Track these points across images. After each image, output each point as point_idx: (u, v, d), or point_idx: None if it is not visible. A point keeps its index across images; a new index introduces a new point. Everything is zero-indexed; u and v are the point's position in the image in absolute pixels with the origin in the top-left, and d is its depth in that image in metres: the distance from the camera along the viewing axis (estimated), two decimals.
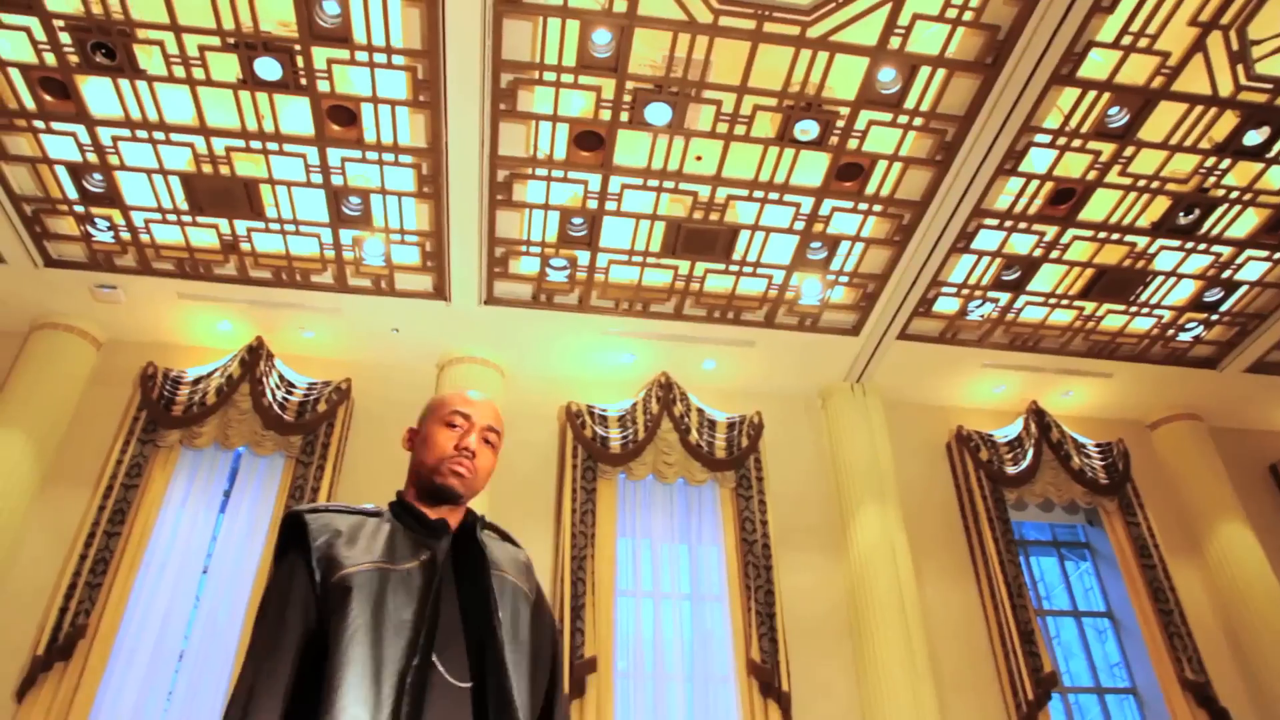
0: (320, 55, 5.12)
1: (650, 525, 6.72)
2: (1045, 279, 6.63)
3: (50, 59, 5.16)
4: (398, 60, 5.13)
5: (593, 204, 6.02)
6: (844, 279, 6.55)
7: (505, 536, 2.03)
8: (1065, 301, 6.74)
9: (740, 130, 5.48)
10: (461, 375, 7.07)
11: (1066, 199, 5.98)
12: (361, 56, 5.10)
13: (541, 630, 1.91)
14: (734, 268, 6.45)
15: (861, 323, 6.85)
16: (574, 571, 6.17)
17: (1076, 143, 5.59)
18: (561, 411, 7.18)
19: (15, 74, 5.29)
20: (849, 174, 5.78)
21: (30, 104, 5.42)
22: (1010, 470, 7.15)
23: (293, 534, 1.77)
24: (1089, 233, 6.21)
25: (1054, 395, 7.64)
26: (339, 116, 5.51)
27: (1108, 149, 5.64)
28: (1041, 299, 6.71)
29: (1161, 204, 6.13)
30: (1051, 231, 6.17)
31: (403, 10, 4.91)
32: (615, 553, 6.46)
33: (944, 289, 6.60)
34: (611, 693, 5.81)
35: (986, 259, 6.37)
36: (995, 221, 6.07)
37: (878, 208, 5.98)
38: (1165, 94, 5.31)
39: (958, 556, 6.98)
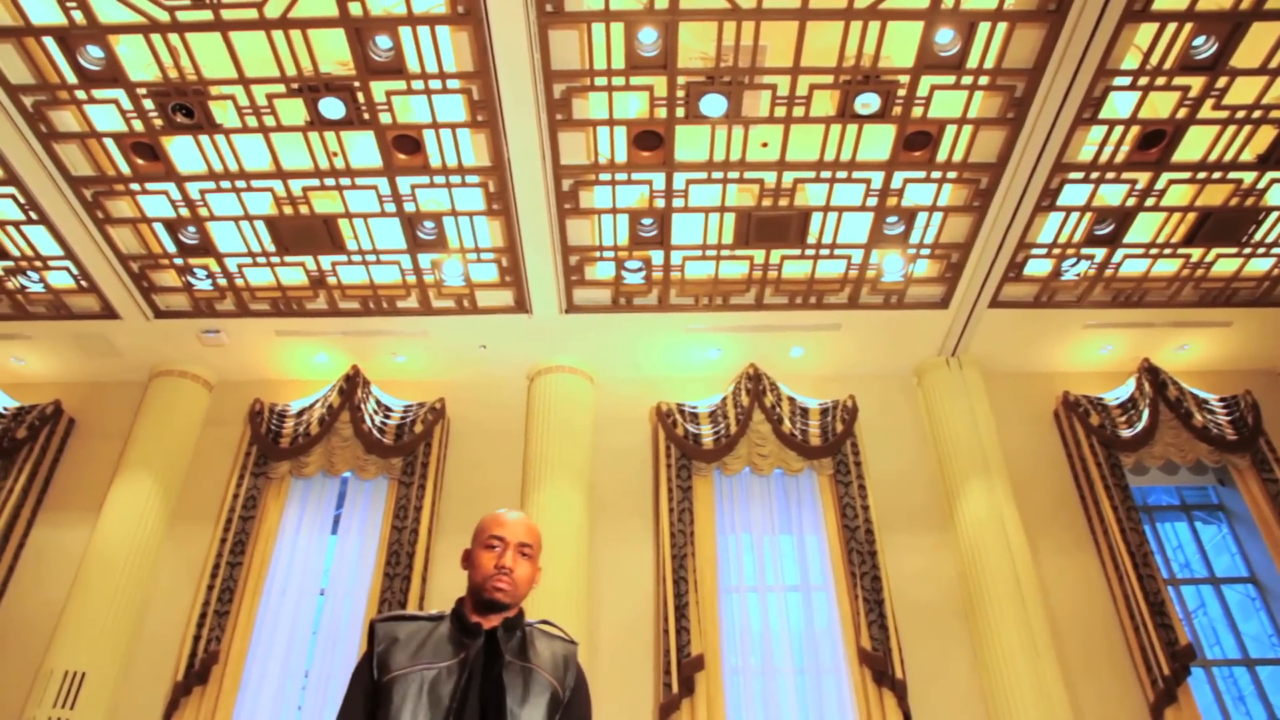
0: (379, 89, 5.27)
1: (749, 519, 6.66)
2: (1143, 229, 6.26)
3: (138, 125, 5.49)
4: (452, 84, 5.24)
5: (660, 203, 6.00)
6: (925, 251, 6.34)
7: (558, 634, 2.36)
8: (1169, 250, 6.35)
9: (799, 112, 5.37)
10: (551, 385, 7.17)
11: (1156, 142, 5.63)
12: (417, 85, 5.23)
13: (571, 712, 2.21)
14: (810, 252, 6.33)
15: (949, 295, 6.62)
16: (675, 571, 6.17)
17: (1160, 81, 5.25)
18: (652, 412, 7.20)
19: (110, 143, 5.65)
20: (917, 143, 5.60)
21: (125, 169, 5.78)
22: (1125, 434, 6.77)
23: (369, 638, 2.23)
24: (1186, 175, 5.83)
25: (1168, 350, 7.20)
26: (404, 145, 5.66)
27: (1197, 83, 5.27)
28: (1142, 250, 6.34)
29: (1266, 134, 5.69)
30: (1144, 178, 5.82)
31: (451, 36, 5.01)
32: (716, 549, 6.42)
33: (1033, 251, 6.31)
34: (721, 689, 5.78)
35: (1075, 215, 6.06)
36: (1080, 175, 5.76)
37: (952, 174, 5.77)
38: (1256, 14, 4.92)
39: (1075, 529, 6.66)
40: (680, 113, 5.38)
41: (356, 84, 5.23)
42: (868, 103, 5.33)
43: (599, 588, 6.43)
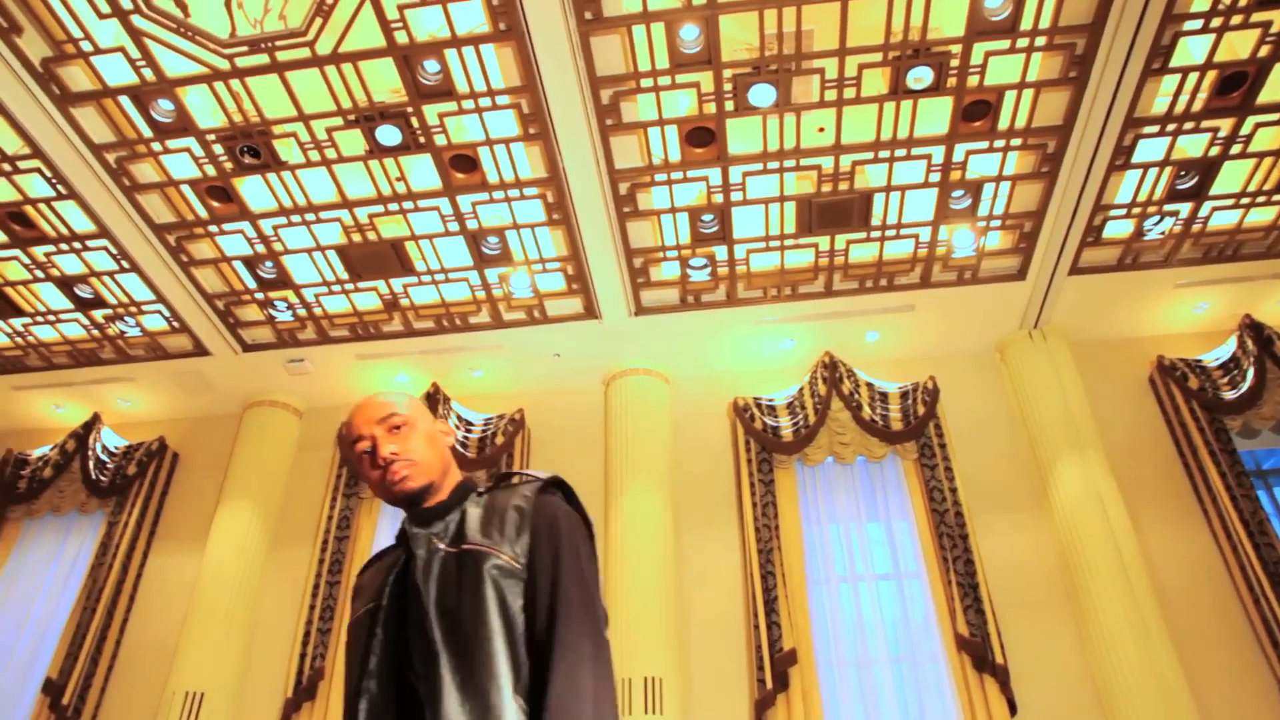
0: (431, 112, 5.38)
1: (835, 508, 6.56)
2: (1231, 179, 5.92)
3: (210, 170, 5.74)
4: (501, 100, 5.31)
5: (718, 198, 5.97)
6: (996, 223, 6.14)
7: (526, 480, 1.87)
8: (1262, 199, 5.99)
9: (850, 93, 5.26)
10: (626, 388, 7.20)
11: (1237, 85, 5.32)
12: (468, 104, 5.32)
13: (539, 553, 1.73)
14: (876, 234, 6.20)
15: (1026, 265, 6.39)
16: (762, 565, 6.13)
17: (1237, 19, 4.96)
18: (729, 408, 7.16)
19: (187, 189, 5.92)
20: (976, 113, 5.42)
21: (203, 212, 6.04)
22: (1228, 395, 6.42)
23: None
24: (1274, 116, 5.49)
25: (1272, 304, 6.79)
26: (461, 165, 5.77)
27: (1278, 16, 4.97)
28: (1232, 201, 6.00)
29: None
30: (1227, 125, 5.51)
31: (496, 53, 5.08)
32: (803, 541, 6.35)
33: (1111, 213, 6.04)
34: (816, 683, 5.71)
35: (1154, 171, 5.77)
36: (1155, 128, 5.49)
37: (1016, 142, 5.56)
38: None
39: (1180, 500, 6.34)
40: (730, 106, 5.34)
41: (409, 109, 5.35)
42: (920, 77, 5.19)
43: (688, 587, 6.44)
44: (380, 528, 6.98)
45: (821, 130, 5.71)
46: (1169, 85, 5.32)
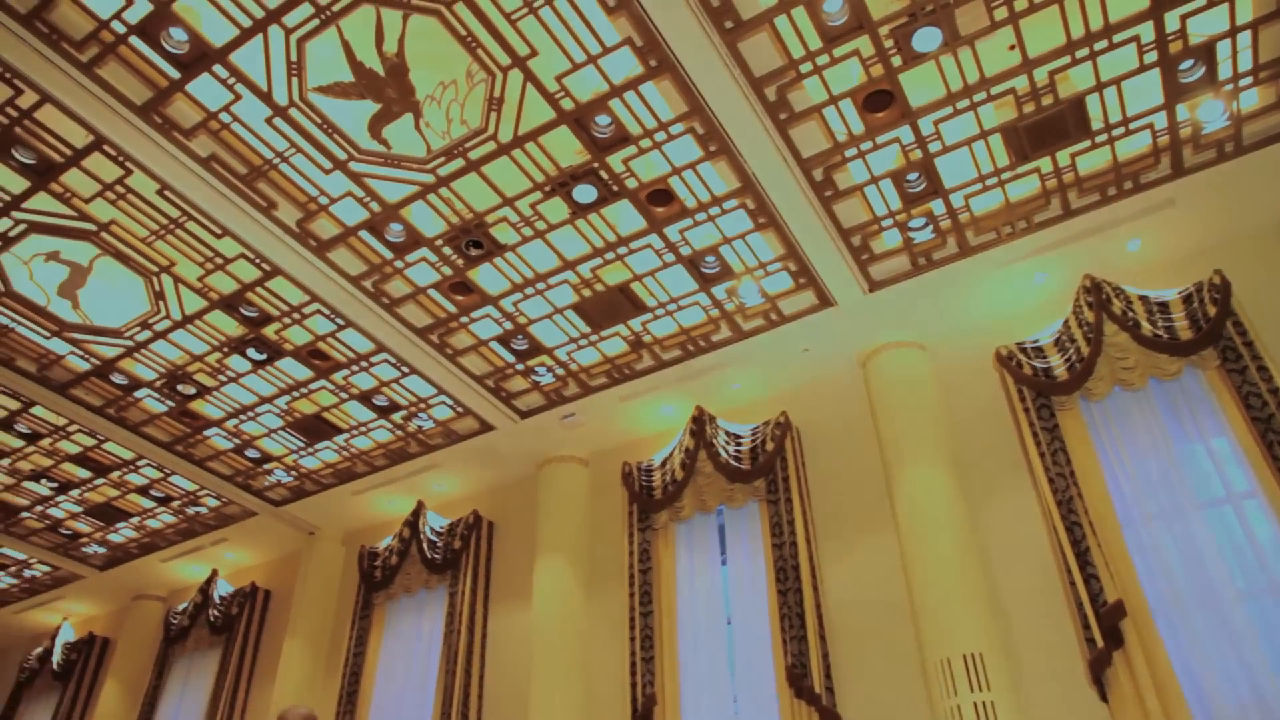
0: (615, 160, 5.67)
1: (1134, 440, 5.97)
2: None
3: (447, 270, 6.40)
4: (675, 130, 5.48)
5: (917, 154, 5.74)
6: (1246, 80, 5.37)
7: None
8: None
9: (1022, 4, 4.88)
10: (883, 365, 7.06)
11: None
12: (645, 144, 5.55)
13: None
14: (1102, 137, 5.65)
15: None
16: (1065, 517, 5.71)
17: None
18: (993, 360, 6.77)
19: (433, 292, 6.63)
20: None
21: (450, 307, 6.74)
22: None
23: None
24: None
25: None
26: (658, 199, 6.00)
27: None
28: None
29: None
30: None
31: (656, 89, 5.26)
32: (1105, 482, 5.84)
33: None
34: (1156, 633, 5.20)
35: None
36: None
37: None
38: None
39: None
40: (897, 61, 5.14)
41: (595, 165, 5.67)
42: None
43: (989, 553, 6.14)
44: (679, 555, 7.31)
45: (1012, 48, 5.32)
46: None
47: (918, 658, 5.98)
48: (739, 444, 7.38)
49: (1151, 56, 5.16)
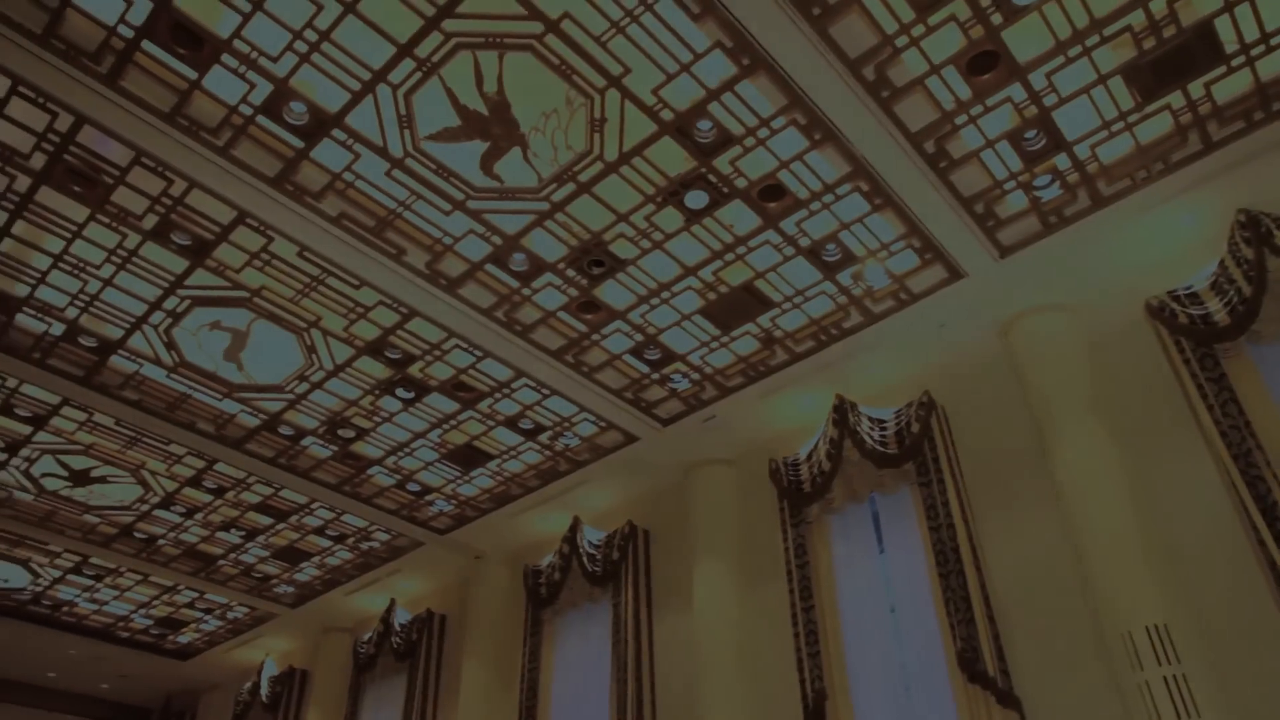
0: (722, 162, 5.70)
1: None
2: None
3: (573, 291, 6.60)
4: (777, 124, 5.47)
5: (1032, 110, 5.51)
6: None
7: None
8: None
9: None
10: (1026, 332, 6.79)
11: None
12: (749, 142, 5.56)
13: None
14: (1239, 59, 5.26)
15: None
16: (1244, 473, 5.31)
17: None
18: (1144, 313, 6.39)
19: (564, 314, 6.84)
20: None
21: (581, 328, 6.93)
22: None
23: None
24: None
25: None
26: (770, 194, 5.99)
27: None
28: None
29: None
30: None
31: (753, 85, 5.27)
32: None
33: None
34: None
35: None
36: None
37: None
38: None
39: None
40: (997, 19, 4.96)
41: (703, 170, 5.72)
42: None
43: (1162, 518, 5.79)
44: (836, 546, 7.24)
45: None
46: None
47: (1094, 633, 5.71)
48: (883, 428, 7.24)
49: None
